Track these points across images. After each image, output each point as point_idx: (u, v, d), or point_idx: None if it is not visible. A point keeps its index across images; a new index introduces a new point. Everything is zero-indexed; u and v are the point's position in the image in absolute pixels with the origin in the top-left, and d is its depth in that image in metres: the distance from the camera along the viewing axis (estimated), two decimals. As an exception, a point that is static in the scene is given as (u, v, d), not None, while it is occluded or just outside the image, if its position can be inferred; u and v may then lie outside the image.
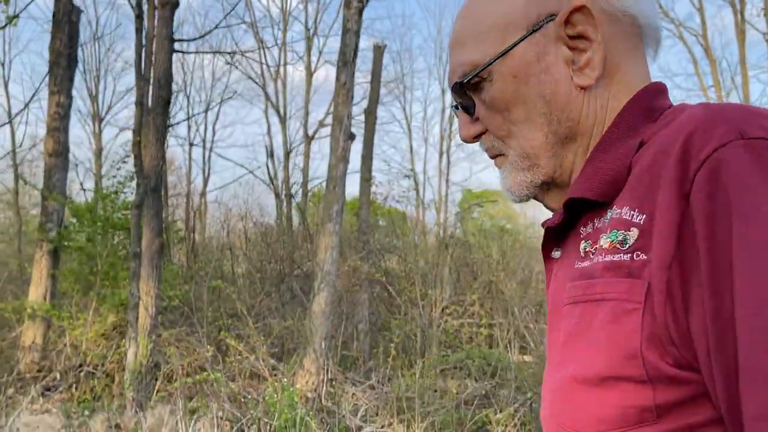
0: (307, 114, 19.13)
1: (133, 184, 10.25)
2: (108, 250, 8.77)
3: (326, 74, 32.81)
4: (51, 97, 9.61)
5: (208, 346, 6.74)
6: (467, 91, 0.85)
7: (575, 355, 0.72)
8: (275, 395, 5.46)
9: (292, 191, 18.85)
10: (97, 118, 19.51)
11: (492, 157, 0.88)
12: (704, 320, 0.61)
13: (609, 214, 0.73)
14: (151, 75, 7.51)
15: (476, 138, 0.88)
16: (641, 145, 0.74)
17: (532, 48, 0.81)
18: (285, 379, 6.64)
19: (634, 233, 0.68)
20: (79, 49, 10.10)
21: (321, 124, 19.34)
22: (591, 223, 0.77)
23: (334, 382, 7.20)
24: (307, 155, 19.14)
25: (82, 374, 8.60)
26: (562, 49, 0.81)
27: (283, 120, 19.69)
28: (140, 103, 7.14)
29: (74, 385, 8.44)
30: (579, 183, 0.79)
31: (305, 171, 19.09)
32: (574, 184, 0.80)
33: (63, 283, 9.09)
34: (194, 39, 8.08)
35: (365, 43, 24.30)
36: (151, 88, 7.81)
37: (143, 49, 7.67)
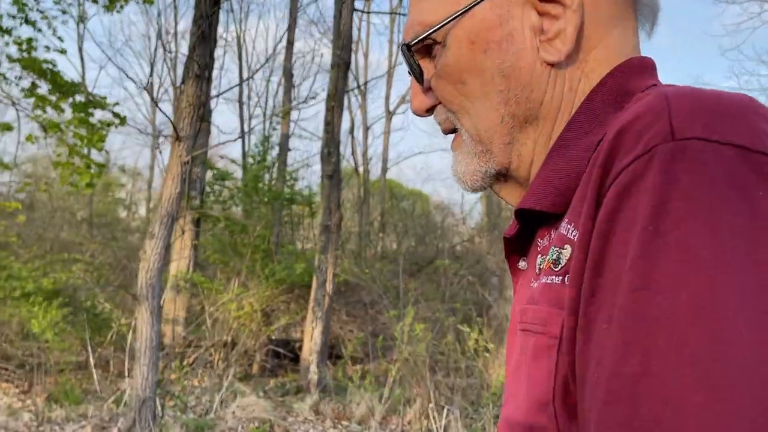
0: (389, 89, 18.56)
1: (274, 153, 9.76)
2: (260, 223, 8.29)
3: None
4: (195, 57, 9.06)
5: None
6: (417, 55, 0.73)
7: (517, 392, 0.63)
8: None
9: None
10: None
11: (447, 132, 0.76)
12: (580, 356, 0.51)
13: (560, 227, 0.62)
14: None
15: (429, 111, 0.76)
16: (600, 142, 0.59)
17: (495, 10, 0.68)
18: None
19: (567, 251, 0.58)
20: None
21: (403, 100, 18.75)
22: (549, 233, 0.66)
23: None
24: (387, 132, 18.57)
25: (234, 350, 8.18)
26: (529, 14, 0.68)
27: (363, 93, 19.06)
28: (337, 65, 6.59)
29: (228, 361, 8.03)
30: (531, 190, 0.67)
31: (385, 147, 18.54)
32: (528, 190, 0.68)
33: (209, 255, 8.63)
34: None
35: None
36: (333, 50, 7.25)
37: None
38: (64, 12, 8.35)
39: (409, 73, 0.76)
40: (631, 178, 0.50)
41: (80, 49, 17.55)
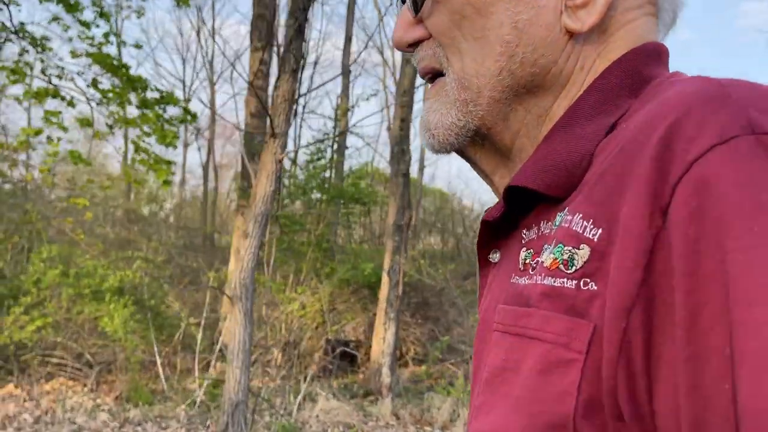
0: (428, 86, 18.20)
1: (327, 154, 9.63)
2: (322, 221, 8.17)
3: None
4: (254, 54, 8.97)
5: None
6: None
7: (493, 403, 0.54)
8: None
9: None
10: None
11: (425, 74, 0.64)
12: (676, 397, 0.42)
13: (559, 217, 0.54)
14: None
15: (412, 46, 0.65)
16: (613, 128, 0.55)
17: None
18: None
19: (584, 252, 0.49)
20: None
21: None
22: (537, 224, 0.58)
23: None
24: (426, 129, 18.23)
25: (297, 350, 8.07)
26: None
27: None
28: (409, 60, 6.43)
29: (292, 361, 7.92)
30: (526, 166, 0.59)
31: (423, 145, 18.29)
32: (521, 168, 0.59)
33: (276, 256, 8.52)
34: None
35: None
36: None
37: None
38: (126, 7, 8.30)
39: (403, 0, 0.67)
40: (713, 170, 0.42)
41: (119, 45, 17.63)
